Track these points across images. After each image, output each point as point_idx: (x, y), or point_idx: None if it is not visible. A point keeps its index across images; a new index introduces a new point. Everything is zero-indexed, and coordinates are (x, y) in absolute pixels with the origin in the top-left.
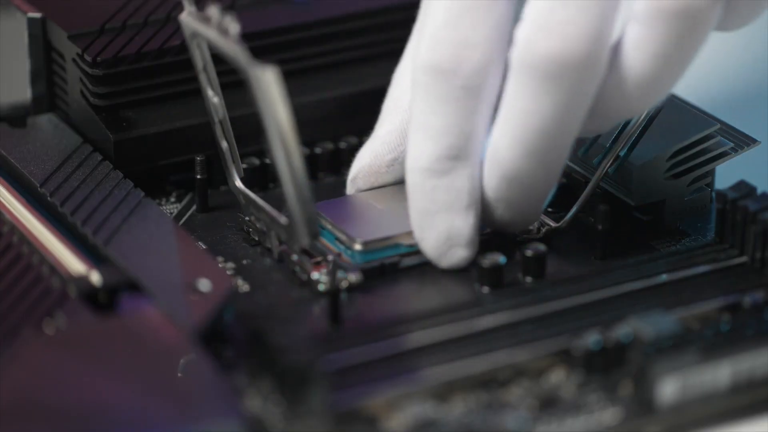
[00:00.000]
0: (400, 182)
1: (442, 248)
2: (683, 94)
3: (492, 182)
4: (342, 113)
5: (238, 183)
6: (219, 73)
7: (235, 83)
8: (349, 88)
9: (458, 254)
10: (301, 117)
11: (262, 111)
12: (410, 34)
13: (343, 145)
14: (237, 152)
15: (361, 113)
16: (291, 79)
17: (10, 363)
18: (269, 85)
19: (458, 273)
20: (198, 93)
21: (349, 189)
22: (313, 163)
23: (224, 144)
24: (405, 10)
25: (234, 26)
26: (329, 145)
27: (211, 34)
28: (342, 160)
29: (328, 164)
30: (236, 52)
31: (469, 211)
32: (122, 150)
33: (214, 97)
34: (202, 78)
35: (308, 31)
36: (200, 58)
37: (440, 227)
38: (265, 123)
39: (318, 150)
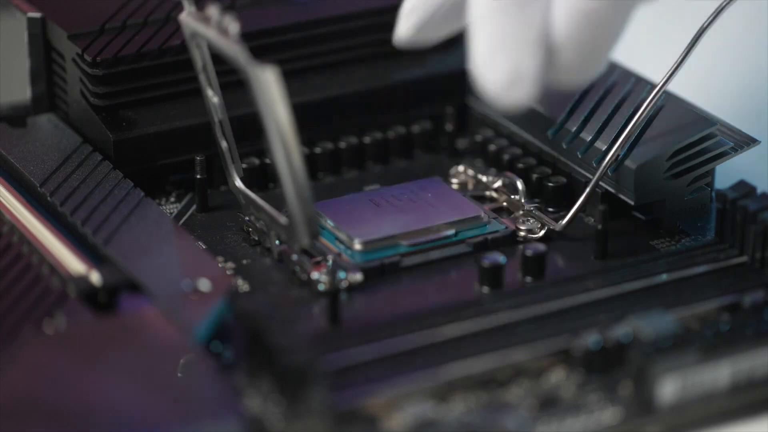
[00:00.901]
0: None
1: (506, 83)
2: (683, 94)
3: (563, 20)
4: (342, 113)
5: (238, 183)
6: (219, 73)
7: (235, 83)
8: (348, 88)
9: (523, 90)
10: (301, 117)
11: (262, 111)
12: None
13: (342, 145)
14: (237, 152)
15: (361, 113)
16: (291, 79)
17: (10, 363)
18: (269, 85)
19: (458, 273)
20: (198, 93)
21: (402, 26)
22: (313, 163)
23: (224, 144)
24: None
25: (233, 26)
26: (329, 145)
27: (210, 34)
28: (342, 160)
29: (328, 164)
30: (236, 52)
31: (537, 46)
32: (122, 150)
33: (214, 97)
34: (202, 78)
35: (308, 31)
36: (200, 58)
37: (507, 60)
38: (265, 123)
39: (318, 150)
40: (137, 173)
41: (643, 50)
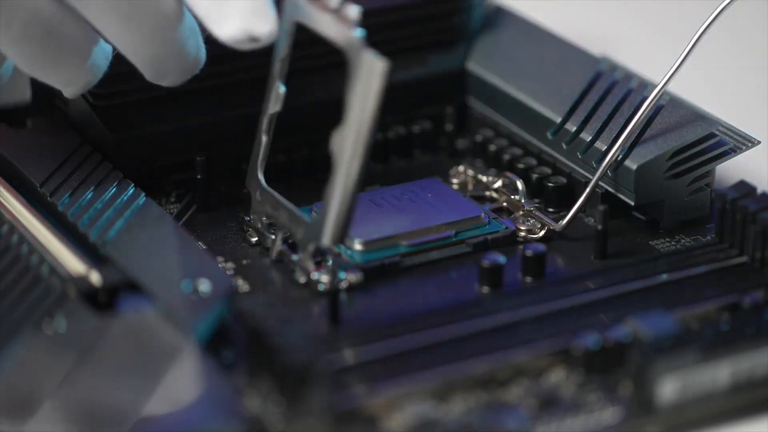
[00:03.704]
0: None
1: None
2: (683, 94)
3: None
4: (341, 113)
5: (261, 178)
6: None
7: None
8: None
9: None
10: (302, 117)
11: (352, 100)
12: (410, 34)
13: None
14: (268, 149)
15: None
16: (291, 79)
17: (10, 363)
18: (376, 77)
19: (458, 273)
20: (198, 93)
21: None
22: (313, 163)
23: (264, 138)
24: (405, 10)
25: (353, 10)
26: (330, 146)
27: (323, 17)
28: None
29: (329, 164)
30: (351, 37)
31: None
32: (122, 150)
33: (280, 88)
34: (278, 67)
35: (308, 32)
36: (286, 47)
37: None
38: (348, 113)
39: (318, 150)
40: (137, 173)
41: (643, 50)
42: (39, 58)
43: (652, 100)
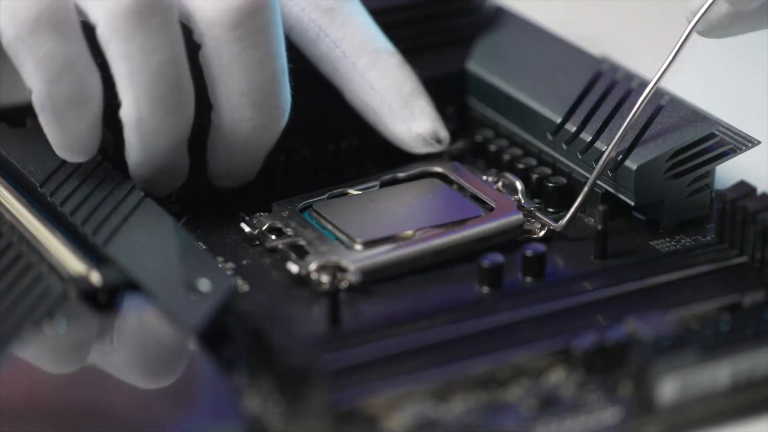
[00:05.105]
0: None
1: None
2: (683, 94)
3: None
4: (343, 113)
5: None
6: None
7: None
8: None
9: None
10: (303, 117)
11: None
12: (410, 34)
13: (343, 145)
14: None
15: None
16: (293, 79)
17: (10, 363)
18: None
19: (458, 273)
20: (196, 93)
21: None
22: (314, 164)
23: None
24: (405, 10)
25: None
26: (330, 146)
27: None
28: (342, 160)
29: (329, 164)
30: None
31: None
32: (122, 150)
33: None
34: None
35: None
36: None
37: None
38: None
39: (319, 150)
40: None
41: (643, 50)
42: (159, 101)
43: (646, 96)
